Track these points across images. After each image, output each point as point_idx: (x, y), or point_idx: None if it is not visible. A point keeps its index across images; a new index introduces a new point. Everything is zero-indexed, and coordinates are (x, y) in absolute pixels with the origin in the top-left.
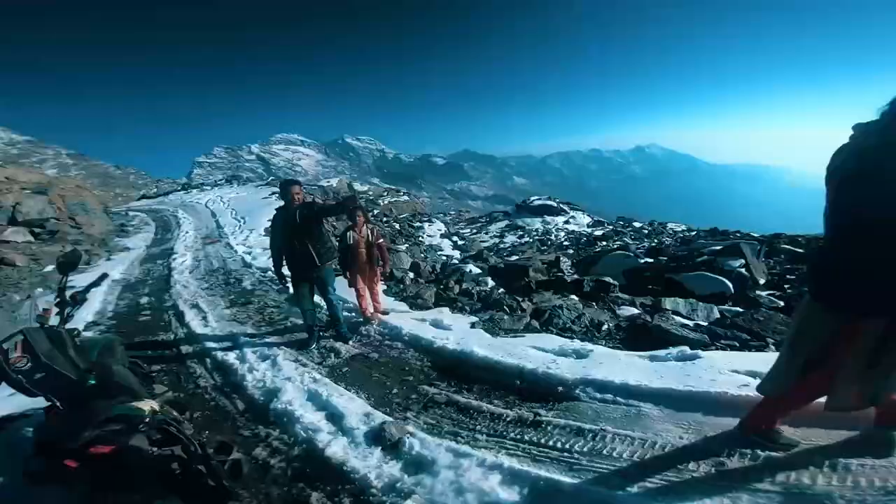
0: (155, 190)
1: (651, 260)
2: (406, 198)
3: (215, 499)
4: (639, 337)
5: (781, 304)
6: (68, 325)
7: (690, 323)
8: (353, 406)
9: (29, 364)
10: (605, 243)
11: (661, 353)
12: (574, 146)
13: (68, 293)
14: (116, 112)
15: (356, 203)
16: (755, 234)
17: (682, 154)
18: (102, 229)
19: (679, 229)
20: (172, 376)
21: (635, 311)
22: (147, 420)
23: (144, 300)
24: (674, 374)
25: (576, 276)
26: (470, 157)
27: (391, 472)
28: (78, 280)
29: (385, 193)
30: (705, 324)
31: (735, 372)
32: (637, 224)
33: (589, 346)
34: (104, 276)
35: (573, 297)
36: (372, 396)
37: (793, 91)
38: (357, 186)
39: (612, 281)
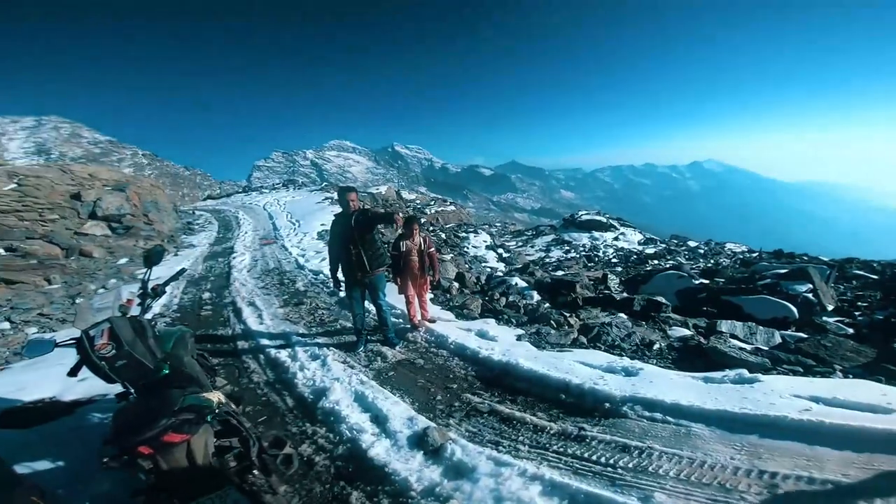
0: (218, 191)
1: (706, 281)
2: (452, 207)
3: (262, 491)
4: (693, 358)
5: (851, 330)
6: (146, 316)
7: (748, 347)
8: (398, 410)
9: (113, 351)
10: (656, 262)
11: (717, 374)
12: (626, 160)
13: (150, 285)
14: (186, 115)
15: (406, 215)
16: (824, 258)
17: (744, 170)
18: (171, 227)
19: (739, 250)
20: (230, 370)
21: (687, 332)
22: (214, 411)
23: (206, 295)
24: (729, 396)
25: (624, 295)
26: (517, 169)
27: (431, 476)
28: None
29: (432, 202)
30: (765, 348)
31: (797, 396)
32: (692, 243)
33: (639, 364)
34: (182, 270)
35: (622, 315)
36: (416, 401)
37: (869, 100)
38: (405, 195)
39: (663, 301)
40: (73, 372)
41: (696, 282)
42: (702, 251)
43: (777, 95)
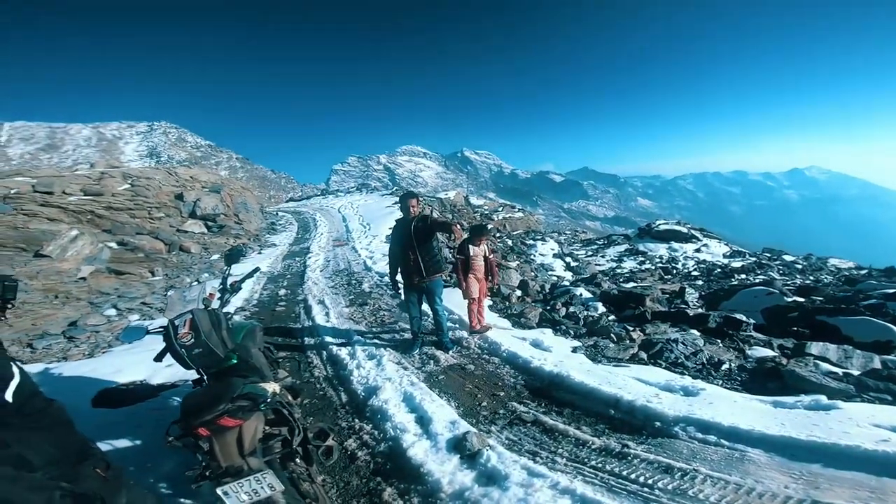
0: (300, 194)
1: (800, 299)
2: (520, 214)
3: (301, 478)
4: (765, 381)
5: None
6: (224, 310)
7: (839, 371)
8: (442, 413)
9: (192, 340)
10: (743, 277)
11: (789, 399)
12: (710, 167)
13: (229, 282)
14: (275, 120)
15: (474, 223)
16: None
17: (854, 178)
18: (257, 226)
19: (844, 266)
20: (294, 363)
21: (770, 353)
22: (268, 401)
23: (282, 292)
24: (798, 422)
25: (700, 310)
26: (589, 176)
27: (463, 480)
28: (234, 269)
29: (500, 209)
30: (856, 373)
31: (876, 426)
32: (788, 257)
33: (701, 384)
34: (256, 269)
35: (694, 331)
36: (461, 406)
37: None
38: (473, 200)
39: (744, 318)
40: (158, 357)
41: (789, 299)
42: (799, 266)
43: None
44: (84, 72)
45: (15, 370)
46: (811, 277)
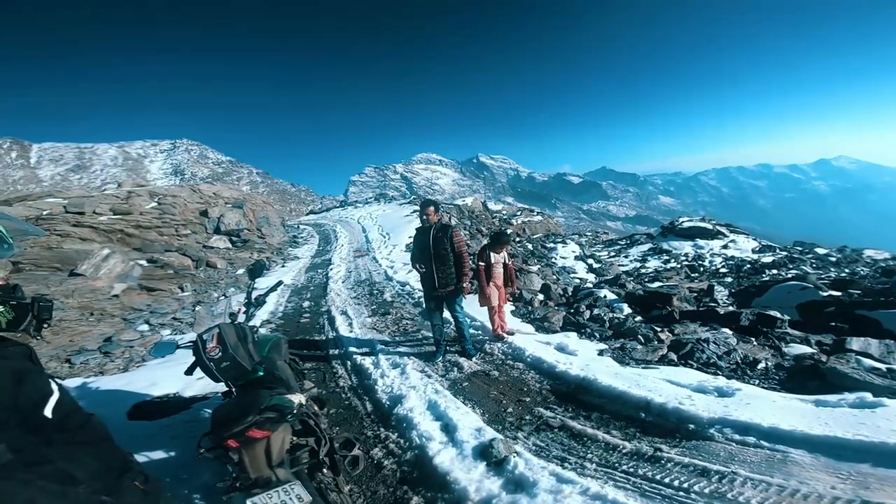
0: (319, 206)
1: (837, 293)
2: (539, 218)
3: (328, 488)
4: (804, 380)
5: None
6: (250, 323)
7: (883, 367)
8: (467, 420)
9: (220, 354)
10: (775, 272)
11: (832, 398)
12: (731, 161)
13: (253, 296)
14: (291, 134)
15: (496, 229)
16: None
17: (885, 166)
18: (280, 240)
19: (880, 257)
20: (319, 374)
21: (809, 349)
22: (294, 412)
23: (306, 304)
24: (843, 420)
25: (731, 308)
26: (608, 176)
27: (490, 487)
28: (258, 283)
29: (518, 213)
30: None
31: None
32: (821, 250)
33: (736, 384)
34: (279, 283)
35: (725, 330)
36: (487, 413)
37: None
38: (491, 206)
39: (778, 315)
40: (189, 371)
41: (825, 294)
42: (833, 259)
43: None
44: (107, 90)
45: (54, 386)
46: (846, 270)
